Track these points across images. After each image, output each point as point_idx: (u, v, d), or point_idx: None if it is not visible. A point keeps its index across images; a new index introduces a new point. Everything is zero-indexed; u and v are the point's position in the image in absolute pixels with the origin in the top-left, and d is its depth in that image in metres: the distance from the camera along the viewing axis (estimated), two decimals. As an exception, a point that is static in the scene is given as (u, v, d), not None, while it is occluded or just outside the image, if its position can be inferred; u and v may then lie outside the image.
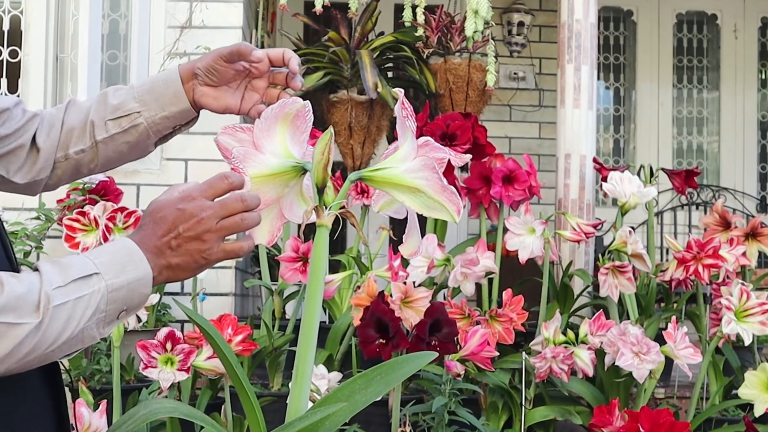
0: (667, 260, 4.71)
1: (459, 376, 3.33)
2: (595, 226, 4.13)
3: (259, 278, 4.53)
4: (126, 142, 1.79)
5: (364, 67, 4.95)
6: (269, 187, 1.44)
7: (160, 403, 1.68)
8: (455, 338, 3.26)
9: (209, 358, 3.20)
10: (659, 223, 7.89)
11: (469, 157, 3.67)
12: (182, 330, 4.55)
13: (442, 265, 3.73)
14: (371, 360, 3.08)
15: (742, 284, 3.65)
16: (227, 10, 5.12)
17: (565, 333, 3.65)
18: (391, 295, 3.30)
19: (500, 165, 4.11)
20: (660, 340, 3.52)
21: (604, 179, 4.22)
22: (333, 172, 1.41)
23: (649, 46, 8.45)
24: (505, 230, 4.00)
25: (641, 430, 3.00)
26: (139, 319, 3.66)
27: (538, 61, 7.91)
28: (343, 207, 1.40)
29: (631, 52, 8.53)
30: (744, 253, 4.00)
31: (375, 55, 5.19)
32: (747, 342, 3.61)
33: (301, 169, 1.43)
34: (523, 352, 3.66)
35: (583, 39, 4.72)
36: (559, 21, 4.82)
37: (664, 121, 8.46)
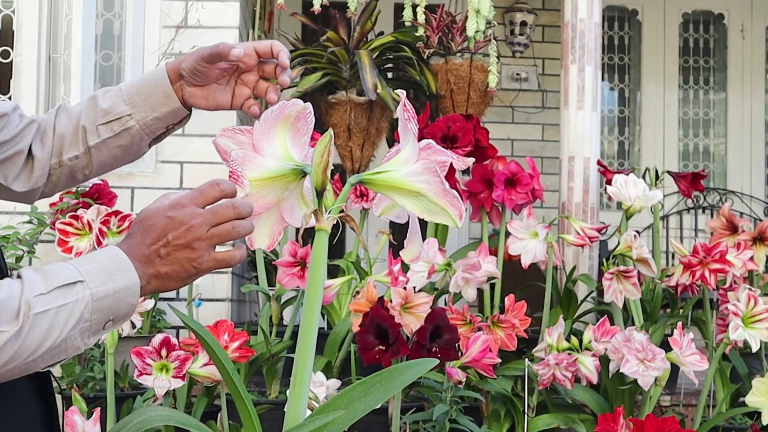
0: (673, 265, 4.71)
1: (460, 383, 3.34)
2: (599, 230, 4.13)
3: (256, 283, 4.54)
4: (119, 146, 1.79)
5: (363, 68, 4.95)
6: (269, 190, 1.44)
7: (155, 411, 1.69)
8: (456, 345, 3.27)
9: (205, 365, 3.20)
10: (665, 227, 7.89)
11: (471, 160, 3.67)
12: (178, 336, 4.56)
13: (443, 270, 3.74)
14: (371, 367, 3.09)
15: (750, 289, 3.65)
16: (224, 10, 5.12)
17: (568, 339, 3.65)
18: (391, 301, 3.30)
19: (502, 168, 4.11)
20: (665, 346, 3.52)
21: (609, 182, 4.23)
22: (332, 175, 1.41)
23: (655, 47, 8.46)
24: (508, 234, 4.00)
25: (647, 439, 3.00)
26: (134, 325, 3.66)
27: (541, 62, 7.91)
28: (343, 211, 1.40)
29: (636, 53, 8.54)
30: (751, 258, 4.00)
31: (374, 56, 5.19)
32: (755, 348, 3.61)
33: (300, 172, 1.43)
34: (526, 359, 3.67)
35: (587, 39, 4.72)
36: (563, 20, 4.83)
37: (670, 123, 8.46)
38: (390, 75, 5.69)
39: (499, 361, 3.49)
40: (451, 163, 1.48)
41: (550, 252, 3.95)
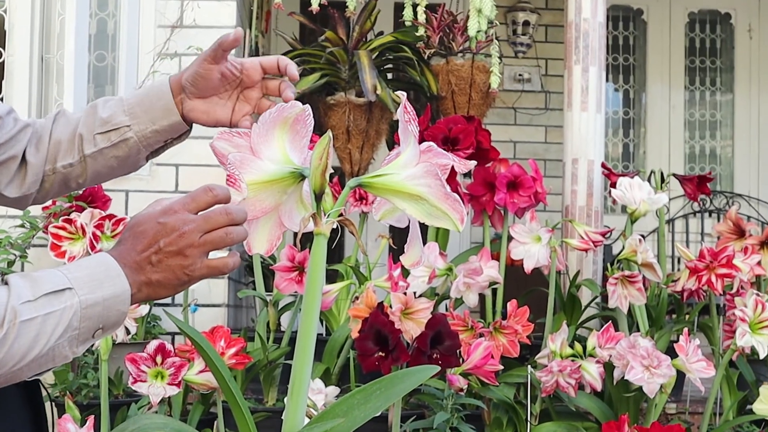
0: (679, 270, 4.71)
1: (461, 390, 3.34)
2: (603, 234, 4.13)
3: (253, 288, 4.54)
4: (115, 157, 1.78)
5: (362, 69, 4.96)
6: (267, 194, 1.44)
7: (150, 418, 1.69)
8: (458, 351, 3.27)
9: (201, 372, 3.20)
10: (670, 231, 7.89)
11: (472, 162, 3.68)
12: (173, 342, 4.56)
13: (444, 275, 3.74)
14: (370, 374, 3.09)
15: (757, 295, 3.65)
16: (220, 9, 5.13)
17: (572, 346, 3.65)
18: (391, 306, 3.31)
19: (505, 170, 4.12)
20: (671, 353, 3.52)
21: (613, 185, 4.23)
22: (331, 178, 1.41)
23: (660, 47, 8.46)
24: (510, 238, 4.00)
25: (652, 447, 3.00)
26: (128, 332, 3.66)
27: (544, 62, 7.92)
28: (342, 214, 1.40)
29: (641, 53, 8.54)
30: (759, 263, 4.01)
31: (374, 56, 5.20)
32: (762, 355, 3.61)
33: (299, 175, 1.43)
34: (529, 366, 3.67)
35: (591, 39, 4.73)
36: (566, 20, 4.83)
37: (676, 125, 8.47)
38: (390, 76, 5.70)
39: (501, 367, 3.49)
40: (453, 166, 1.48)
41: (553, 256, 3.96)
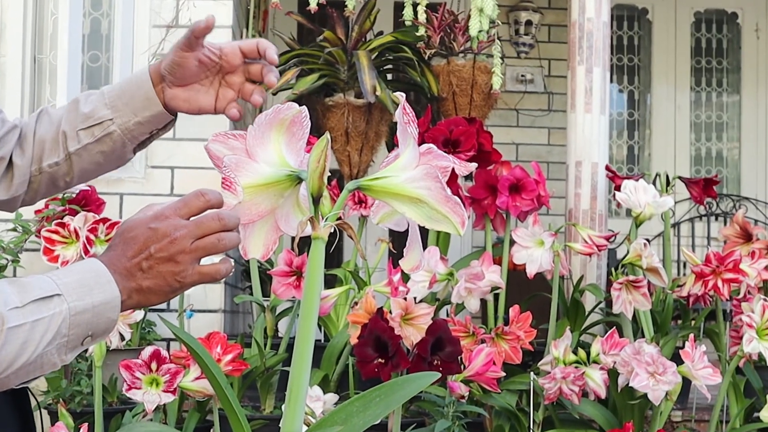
0: (685, 274, 4.71)
1: (463, 397, 3.34)
2: (607, 239, 4.13)
3: (250, 294, 4.54)
4: (101, 152, 1.78)
5: (361, 69, 4.96)
6: (263, 197, 1.44)
7: (145, 426, 1.69)
8: (459, 358, 3.27)
9: (197, 379, 3.20)
10: (676, 235, 7.90)
11: (474, 165, 3.68)
12: (168, 349, 4.56)
13: (444, 280, 3.74)
14: (369, 381, 3.09)
15: (765, 300, 3.65)
16: (216, 9, 5.13)
17: (575, 352, 3.65)
18: (391, 312, 3.31)
19: (507, 173, 4.12)
20: (677, 359, 3.52)
21: (618, 188, 4.23)
22: (329, 181, 1.41)
23: (666, 47, 8.47)
24: (512, 243, 4.00)
25: (657, 456, 3.01)
26: (123, 338, 3.66)
27: (547, 63, 7.92)
28: (340, 218, 1.40)
29: (646, 53, 8.55)
30: (766, 267, 4.01)
31: (373, 57, 5.20)
32: (770, 362, 3.62)
33: (296, 178, 1.43)
34: (531, 373, 3.67)
35: (595, 39, 4.73)
36: (570, 20, 4.83)
37: (681, 127, 8.47)
38: (389, 76, 5.70)
39: (504, 374, 3.49)
40: (453, 169, 1.48)
41: (556, 261, 3.96)
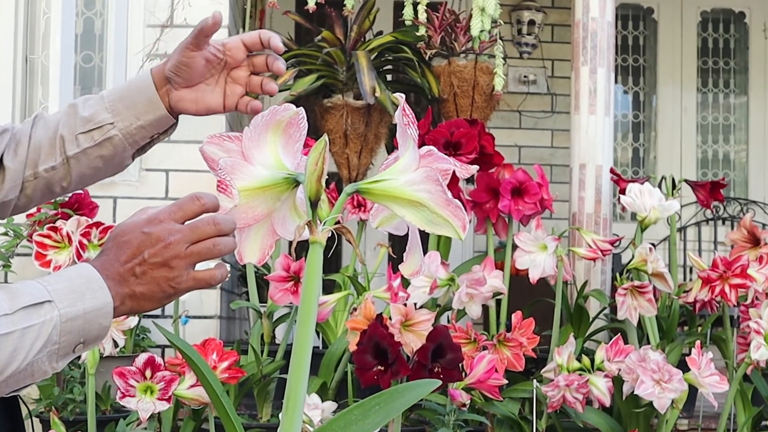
0: (691, 280, 4.71)
1: (464, 405, 3.33)
2: (612, 243, 4.13)
3: (247, 299, 4.54)
4: (100, 156, 1.77)
5: (360, 70, 4.96)
6: (259, 200, 1.44)
7: (139, 435, 1.69)
8: (460, 365, 3.27)
9: (192, 387, 3.20)
10: (682, 240, 7.89)
11: (475, 168, 3.68)
12: (163, 356, 4.55)
13: (445, 285, 3.74)
14: (369, 388, 3.08)
15: (773, 306, 3.66)
16: (212, 8, 5.12)
17: (579, 359, 3.65)
18: (391, 318, 3.31)
19: (509, 176, 4.12)
20: (683, 366, 3.52)
21: (623, 192, 4.23)
22: (327, 184, 1.41)
23: (671, 47, 8.47)
24: (515, 247, 4.00)
25: (663, 465, 3.00)
26: (116, 344, 3.65)
27: (551, 63, 7.92)
28: (339, 222, 1.40)
29: (651, 54, 8.55)
30: (774, 272, 4.01)
31: (373, 57, 5.20)
32: (778, 369, 3.62)
33: (293, 181, 1.43)
34: (534, 380, 3.67)
35: (600, 39, 4.73)
36: (573, 19, 4.84)
37: (688, 129, 8.47)
38: (389, 77, 5.70)
39: (506, 382, 3.49)
40: (454, 171, 1.47)
41: (559, 266, 3.96)
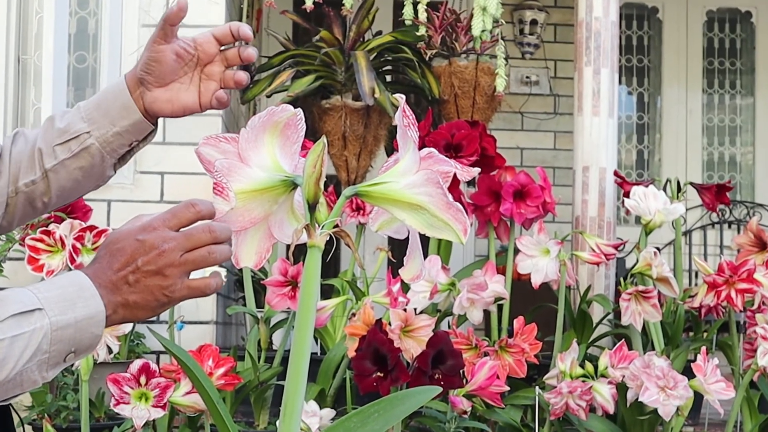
0: (696, 284, 4.71)
1: (465, 413, 3.33)
2: (616, 247, 4.13)
3: (243, 304, 4.54)
4: (79, 168, 1.75)
5: (359, 71, 4.96)
6: (256, 203, 1.44)
7: (134, 443, 1.69)
8: (461, 371, 3.27)
9: (188, 394, 3.20)
10: (687, 244, 7.89)
11: (476, 170, 3.68)
12: (158, 362, 4.55)
13: (446, 290, 3.74)
14: (368, 395, 3.09)
15: (780, 311, 3.66)
16: (208, 8, 5.13)
17: (582, 365, 3.65)
18: (390, 324, 3.31)
19: (511, 179, 4.12)
20: (688, 373, 3.52)
21: (627, 195, 4.23)
22: (326, 187, 1.41)
23: (676, 47, 8.47)
24: (517, 251, 4.00)
25: (668, 474, 3.00)
26: (111, 351, 3.66)
27: (553, 64, 7.92)
28: (337, 225, 1.40)
29: (656, 54, 8.55)
30: (782, 277, 4.01)
31: (372, 57, 5.20)
32: (785, 375, 3.62)
33: (291, 184, 1.43)
34: (537, 387, 3.67)
35: (603, 39, 4.73)
36: (576, 19, 4.84)
37: (693, 130, 8.47)
38: (389, 78, 5.71)
39: (508, 389, 3.49)
40: (455, 174, 1.47)
41: (562, 270, 3.96)
